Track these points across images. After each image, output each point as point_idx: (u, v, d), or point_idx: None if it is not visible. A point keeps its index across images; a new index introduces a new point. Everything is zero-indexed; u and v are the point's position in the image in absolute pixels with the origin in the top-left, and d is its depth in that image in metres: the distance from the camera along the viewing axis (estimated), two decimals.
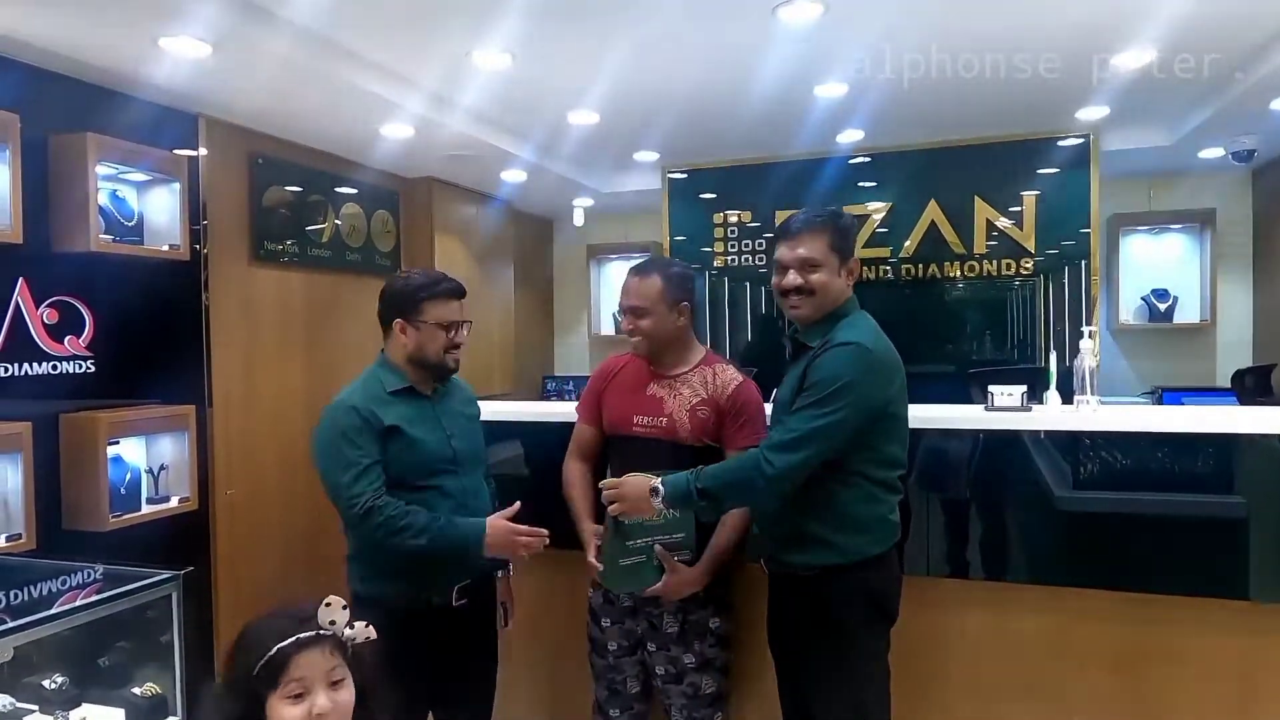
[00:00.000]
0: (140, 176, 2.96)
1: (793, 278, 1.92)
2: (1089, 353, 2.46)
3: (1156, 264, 5.08)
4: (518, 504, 2.07)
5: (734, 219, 4.64)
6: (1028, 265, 4.17)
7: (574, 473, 2.30)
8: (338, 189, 4.03)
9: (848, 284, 1.95)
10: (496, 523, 2.03)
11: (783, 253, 1.94)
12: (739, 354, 4.63)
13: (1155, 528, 2.22)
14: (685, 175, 4.70)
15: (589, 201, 5.44)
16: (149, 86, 2.90)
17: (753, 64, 3.15)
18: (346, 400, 2.05)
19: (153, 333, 3.05)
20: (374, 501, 1.95)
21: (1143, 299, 5.07)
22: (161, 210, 3.01)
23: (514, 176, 4.58)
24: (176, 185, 2.99)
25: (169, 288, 3.09)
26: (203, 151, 3.25)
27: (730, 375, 2.18)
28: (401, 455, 2.04)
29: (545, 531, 2.05)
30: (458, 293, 2.15)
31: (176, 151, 3.06)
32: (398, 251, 4.46)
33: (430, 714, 2.19)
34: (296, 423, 3.74)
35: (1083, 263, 4.05)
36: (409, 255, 4.55)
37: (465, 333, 2.15)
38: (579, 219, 5.57)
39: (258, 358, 3.55)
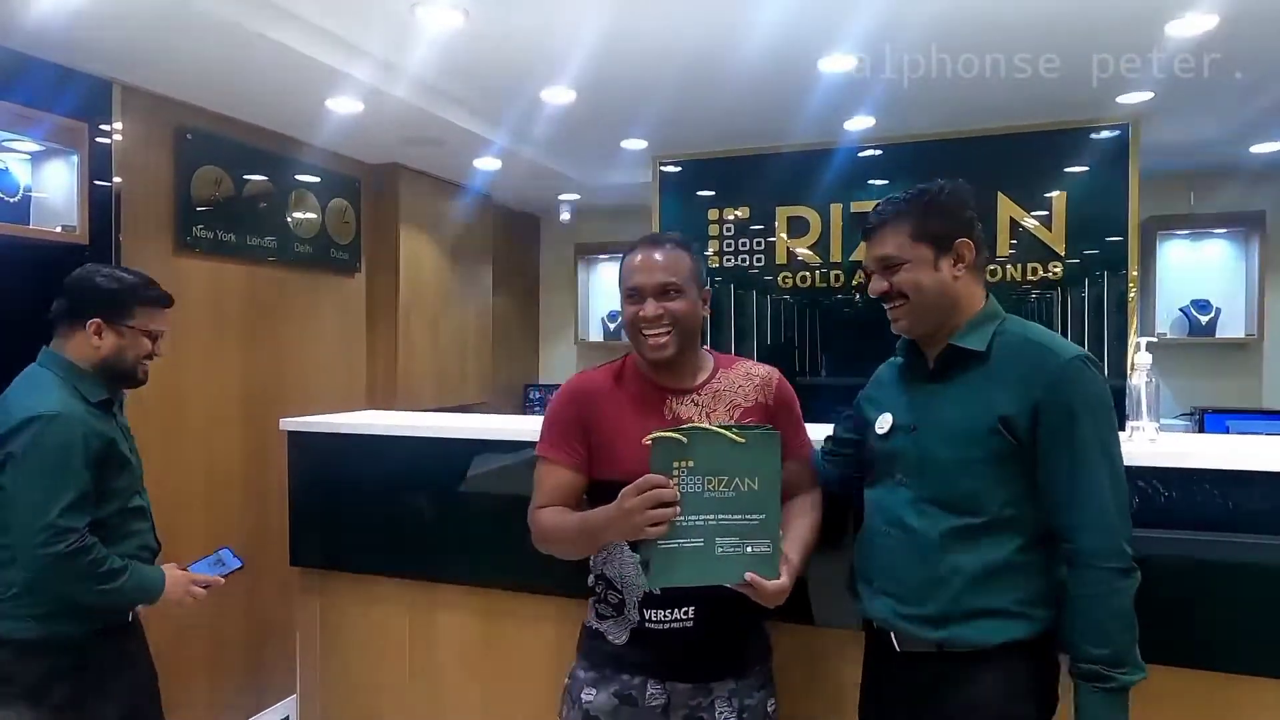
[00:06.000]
0: (31, 146, 2.56)
1: (875, 283, 1.57)
2: (1144, 369, 2.02)
3: (1197, 272, 4.62)
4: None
5: (731, 216, 4.22)
6: (1056, 270, 3.73)
7: (549, 509, 1.64)
8: (285, 173, 3.61)
9: (965, 276, 1.51)
10: (174, 572, 1.98)
11: (865, 254, 1.59)
12: None
13: (1207, 582, 1.77)
14: (679, 167, 4.29)
15: (575, 196, 5.02)
16: (41, 42, 2.51)
17: (749, 31, 2.72)
18: (66, 412, 1.81)
19: (40, 327, 2.62)
20: (86, 541, 1.78)
21: (1181, 310, 4.61)
22: (57, 187, 2.61)
23: (488, 165, 4.16)
24: (75, 158, 2.59)
25: (64, 276, 2.67)
26: (117, 124, 2.85)
27: (763, 368, 1.72)
28: (116, 474, 1.89)
29: (221, 580, 2.06)
30: (169, 302, 2.04)
31: (76, 120, 2.65)
32: (357, 245, 4.05)
33: None
34: (231, 431, 3.35)
35: (1106, 272, 3.61)
36: (370, 249, 4.14)
37: (162, 346, 2.03)
38: (565, 215, 5.16)
39: (183, 359, 3.13)
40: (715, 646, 1.60)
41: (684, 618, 1.57)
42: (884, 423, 1.57)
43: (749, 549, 1.45)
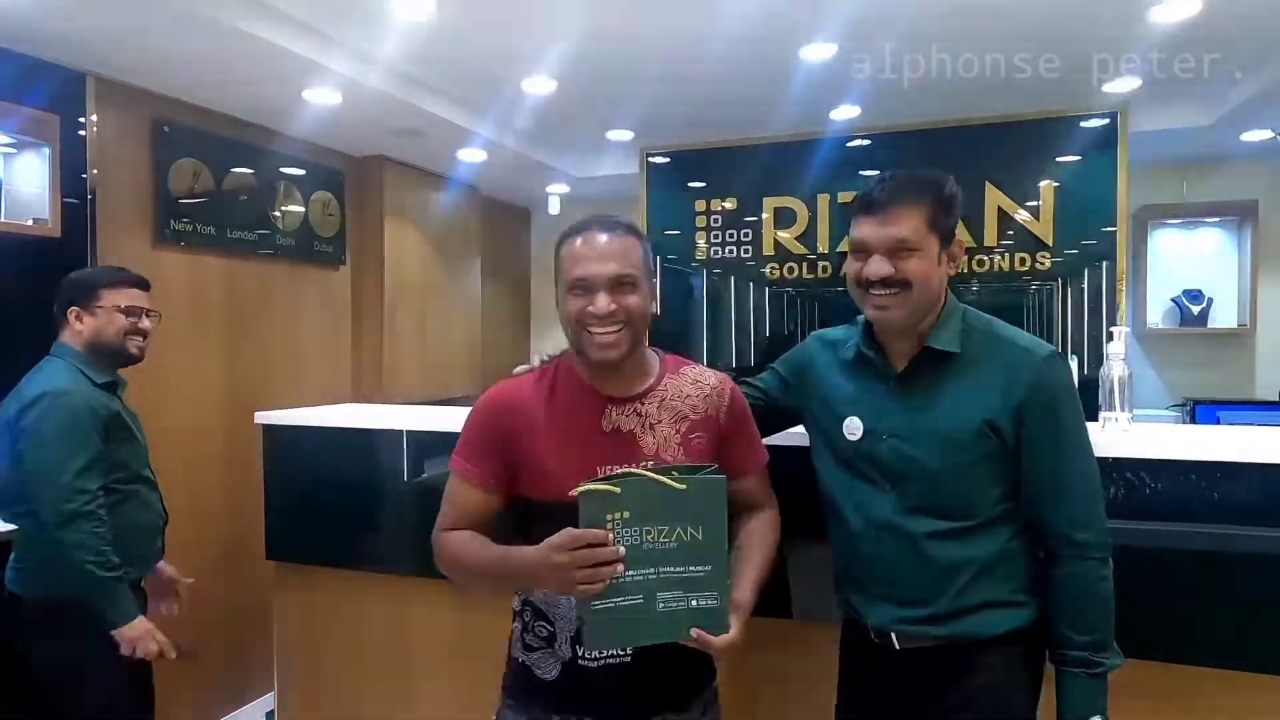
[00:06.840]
0: (2, 139, 2.54)
1: (879, 265, 1.40)
2: (1118, 358, 2.00)
3: (1189, 262, 4.59)
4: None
5: (719, 207, 4.20)
6: (1045, 261, 3.69)
7: (461, 534, 1.50)
8: (267, 165, 3.59)
9: (948, 274, 1.47)
10: (142, 622, 2.04)
11: (866, 231, 1.42)
12: (729, 367, 4.19)
13: (1186, 576, 1.75)
14: (666, 159, 4.26)
15: (564, 188, 5.00)
16: (11, 33, 2.48)
17: (729, 19, 2.70)
18: (74, 388, 2.03)
19: (12, 322, 2.61)
20: (95, 506, 1.94)
21: (1173, 300, 4.57)
22: (30, 180, 2.59)
23: (472, 156, 4.14)
24: (46, 150, 2.57)
25: (37, 270, 2.65)
26: (92, 116, 2.83)
27: (714, 376, 1.52)
28: (123, 445, 2.09)
29: (173, 655, 2.07)
30: (140, 283, 2.19)
31: (49, 112, 2.63)
32: (342, 238, 4.03)
33: None
34: (214, 427, 3.34)
35: (1104, 263, 3.57)
36: (355, 241, 4.12)
37: (149, 322, 2.19)
38: (554, 207, 5.14)
39: (164, 354, 3.10)
40: (654, 680, 1.44)
41: (621, 654, 1.42)
42: (853, 427, 1.50)
43: (694, 603, 1.30)
